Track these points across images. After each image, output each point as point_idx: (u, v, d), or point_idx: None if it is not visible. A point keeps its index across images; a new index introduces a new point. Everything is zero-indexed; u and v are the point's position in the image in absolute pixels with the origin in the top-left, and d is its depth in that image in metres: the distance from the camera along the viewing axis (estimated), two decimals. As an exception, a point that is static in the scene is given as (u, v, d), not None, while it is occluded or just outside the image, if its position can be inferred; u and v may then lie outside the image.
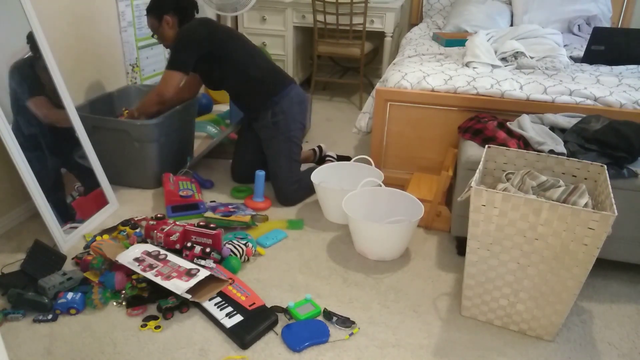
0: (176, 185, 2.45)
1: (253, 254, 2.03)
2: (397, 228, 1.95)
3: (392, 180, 2.50)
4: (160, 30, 2.42)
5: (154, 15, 2.40)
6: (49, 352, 1.56)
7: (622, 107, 2.16)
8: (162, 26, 2.40)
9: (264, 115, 2.42)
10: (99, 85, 2.75)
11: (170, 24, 2.40)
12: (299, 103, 2.46)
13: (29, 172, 1.95)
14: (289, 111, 2.42)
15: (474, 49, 2.65)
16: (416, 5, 4.30)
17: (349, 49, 3.85)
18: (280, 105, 2.40)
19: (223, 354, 1.56)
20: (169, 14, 2.38)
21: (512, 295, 1.63)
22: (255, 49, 2.45)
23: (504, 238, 1.55)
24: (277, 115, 2.40)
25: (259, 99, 2.41)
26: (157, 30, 2.43)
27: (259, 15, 4.04)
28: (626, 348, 1.64)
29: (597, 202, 1.63)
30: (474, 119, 2.16)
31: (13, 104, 1.96)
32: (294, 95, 2.44)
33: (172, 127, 2.57)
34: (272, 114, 2.40)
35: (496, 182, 1.79)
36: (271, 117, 2.40)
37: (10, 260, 1.98)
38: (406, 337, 1.65)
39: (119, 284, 1.78)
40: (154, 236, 1.95)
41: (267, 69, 2.44)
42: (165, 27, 2.40)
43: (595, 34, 2.70)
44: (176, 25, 2.40)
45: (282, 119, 2.41)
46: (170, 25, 2.40)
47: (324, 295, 1.84)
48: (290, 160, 2.44)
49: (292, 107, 2.43)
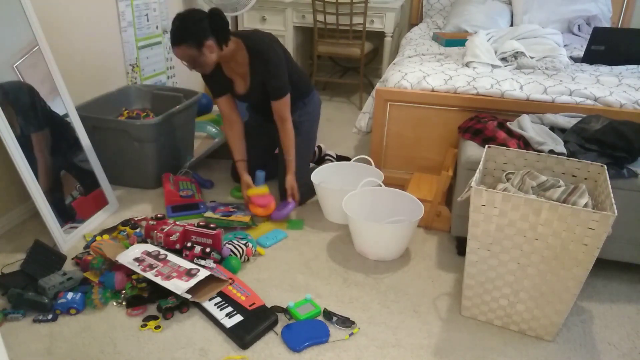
0: (176, 185, 2.45)
1: (253, 254, 2.03)
2: (397, 228, 1.95)
3: (392, 180, 2.50)
4: (202, 59, 2.09)
5: (191, 45, 2.05)
6: (49, 352, 1.56)
7: (622, 107, 2.16)
8: (204, 54, 2.08)
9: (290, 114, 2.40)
10: (99, 85, 2.75)
11: (212, 49, 2.08)
12: (319, 107, 2.55)
13: (29, 172, 1.95)
14: (313, 113, 2.49)
15: (474, 49, 2.66)
16: (416, 5, 4.30)
17: (349, 49, 3.85)
18: (307, 108, 2.45)
19: (223, 354, 1.56)
20: (208, 38, 2.05)
21: (512, 295, 1.63)
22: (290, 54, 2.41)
23: (504, 238, 1.55)
24: (302, 115, 2.44)
25: (291, 101, 2.33)
26: (197, 59, 2.09)
27: (259, 15, 4.04)
28: (626, 348, 1.64)
29: (597, 202, 1.63)
30: (474, 119, 2.16)
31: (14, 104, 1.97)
32: (317, 99, 2.53)
33: (171, 127, 2.57)
34: (299, 115, 2.43)
35: (496, 182, 1.79)
36: (298, 117, 2.42)
37: (10, 260, 1.98)
38: (406, 337, 1.65)
39: (119, 284, 1.78)
40: (154, 236, 1.95)
41: (300, 72, 2.43)
42: (207, 53, 2.08)
43: (595, 34, 2.70)
44: (216, 47, 2.10)
45: (306, 120, 2.45)
46: (213, 50, 2.09)
47: (324, 295, 1.84)
48: (304, 161, 2.48)
49: (315, 110, 2.51)
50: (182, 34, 2.04)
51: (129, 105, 2.83)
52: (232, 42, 2.16)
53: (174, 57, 3.42)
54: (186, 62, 2.13)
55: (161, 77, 3.32)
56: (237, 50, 2.20)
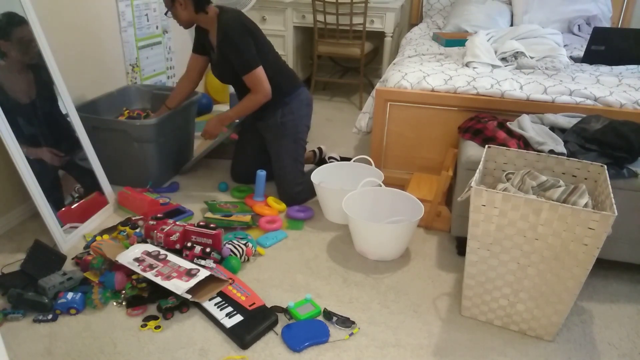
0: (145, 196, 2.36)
1: (253, 254, 2.03)
2: (397, 228, 1.95)
3: (392, 180, 2.50)
4: (174, 10, 2.30)
5: None
6: (49, 352, 1.56)
7: (622, 107, 2.16)
8: (175, 6, 2.27)
9: (272, 114, 2.42)
10: (99, 85, 2.75)
11: (183, 5, 2.26)
12: (307, 105, 2.50)
13: (29, 172, 1.95)
14: (298, 112, 2.44)
15: (474, 49, 2.65)
16: (416, 5, 4.30)
17: (349, 49, 3.85)
18: (290, 106, 2.42)
19: (223, 354, 1.56)
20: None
21: (512, 295, 1.63)
22: (272, 46, 2.44)
23: (504, 238, 1.55)
24: (286, 115, 2.41)
25: (272, 99, 2.37)
26: (170, 8, 2.31)
27: (259, 15, 4.04)
28: (626, 348, 1.64)
29: (597, 202, 1.63)
30: (474, 119, 2.16)
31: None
32: (303, 97, 2.47)
33: (171, 127, 2.57)
34: (282, 114, 2.41)
35: (496, 182, 1.78)
36: (280, 117, 2.41)
37: (10, 260, 1.98)
38: (406, 337, 1.65)
39: (119, 284, 1.78)
40: (154, 236, 1.95)
41: (284, 70, 2.44)
42: (178, 7, 2.27)
43: (595, 34, 2.70)
44: (190, 6, 2.25)
45: (290, 120, 2.42)
46: (184, 7, 2.26)
47: (324, 295, 1.84)
48: (295, 161, 2.45)
49: (301, 109, 2.45)
50: None
51: (129, 105, 2.83)
52: (212, 11, 2.31)
53: (174, 57, 3.43)
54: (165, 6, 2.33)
55: (161, 77, 3.32)
56: (214, 22, 2.31)
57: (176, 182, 2.64)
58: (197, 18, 2.31)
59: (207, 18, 2.30)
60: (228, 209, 2.30)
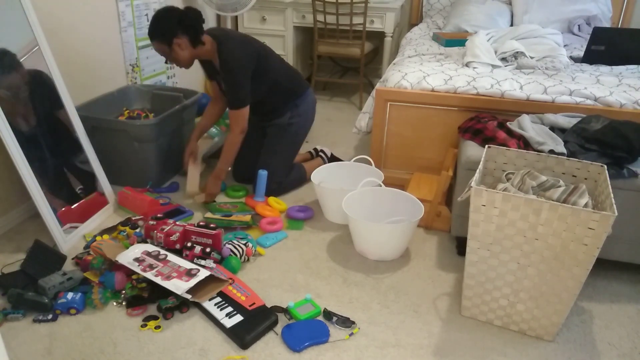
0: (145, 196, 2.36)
1: (253, 254, 2.03)
2: (397, 228, 1.95)
3: (392, 180, 2.50)
4: (173, 55, 2.22)
5: (161, 41, 2.19)
6: (49, 352, 1.56)
7: (622, 107, 2.16)
8: (174, 50, 2.20)
9: (281, 116, 2.48)
10: (99, 85, 2.75)
11: (182, 46, 2.19)
12: (314, 107, 2.58)
13: (29, 172, 1.94)
14: (305, 114, 2.52)
15: (474, 49, 2.65)
16: (416, 5, 4.30)
17: (349, 49, 3.85)
18: (299, 109, 2.49)
19: (223, 354, 1.56)
20: (177, 36, 2.17)
21: (512, 295, 1.63)
22: (278, 56, 2.48)
23: (504, 238, 1.55)
24: (294, 117, 2.49)
25: (283, 102, 2.47)
26: (169, 55, 2.23)
27: (259, 15, 4.03)
28: (626, 348, 1.64)
29: (597, 202, 1.63)
30: (474, 119, 2.16)
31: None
32: (311, 98, 2.55)
33: (171, 127, 2.57)
34: (291, 116, 2.48)
35: (496, 182, 1.78)
36: (289, 119, 2.48)
37: (10, 260, 1.98)
38: (406, 337, 1.65)
39: (119, 284, 1.78)
40: (154, 236, 1.95)
41: (291, 73, 2.49)
42: (178, 50, 2.20)
43: (595, 34, 2.70)
44: (189, 45, 2.20)
45: (297, 122, 2.49)
46: (183, 47, 2.20)
47: (324, 295, 1.84)
48: (285, 161, 2.52)
49: (308, 111, 2.54)
50: (152, 30, 2.19)
51: (129, 105, 2.83)
52: (209, 42, 2.27)
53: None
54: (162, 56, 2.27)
55: (161, 77, 3.32)
56: (213, 52, 2.29)
57: (176, 182, 2.64)
58: (196, 53, 2.26)
59: (205, 49, 2.26)
60: (228, 209, 2.30)
